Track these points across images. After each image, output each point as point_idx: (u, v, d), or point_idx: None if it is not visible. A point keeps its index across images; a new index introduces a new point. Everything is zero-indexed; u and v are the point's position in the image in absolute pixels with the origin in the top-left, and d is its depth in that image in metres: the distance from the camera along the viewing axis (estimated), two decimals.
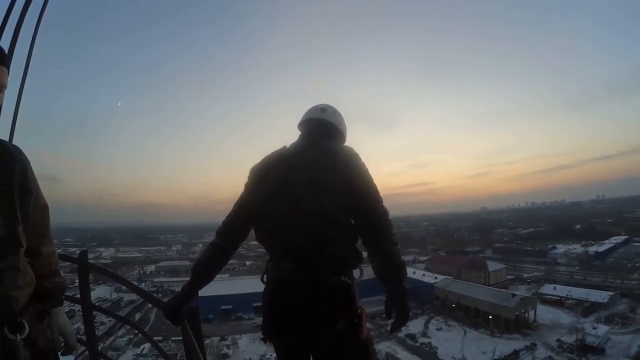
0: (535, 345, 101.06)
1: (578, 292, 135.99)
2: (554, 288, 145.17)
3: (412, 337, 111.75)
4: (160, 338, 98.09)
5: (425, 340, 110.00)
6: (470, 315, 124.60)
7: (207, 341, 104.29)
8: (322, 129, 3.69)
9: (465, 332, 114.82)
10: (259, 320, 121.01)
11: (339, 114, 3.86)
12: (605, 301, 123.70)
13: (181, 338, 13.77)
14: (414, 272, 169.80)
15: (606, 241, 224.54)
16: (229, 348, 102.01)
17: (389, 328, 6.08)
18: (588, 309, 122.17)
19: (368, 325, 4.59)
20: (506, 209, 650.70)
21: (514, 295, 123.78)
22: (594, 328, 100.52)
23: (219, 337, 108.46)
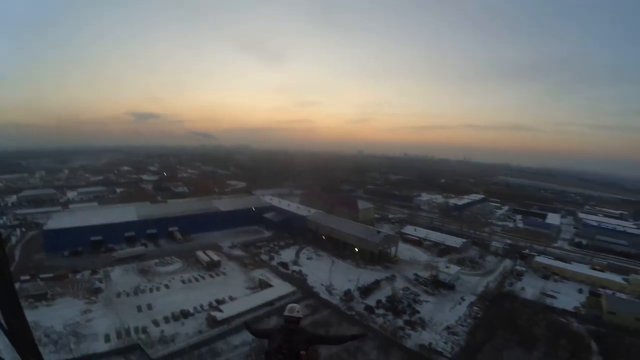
0: (394, 277, 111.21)
1: (435, 236, 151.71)
2: (415, 230, 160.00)
3: (284, 265, 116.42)
4: (28, 277, 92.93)
5: (297, 268, 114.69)
6: (339, 247, 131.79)
7: (78, 276, 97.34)
8: (296, 320, 8.90)
9: (333, 262, 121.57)
10: (130, 251, 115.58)
11: (300, 310, 9.24)
12: (458, 246, 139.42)
13: (53, 275, 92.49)
14: (289, 205, 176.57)
15: (465, 197, 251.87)
16: (101, 282, 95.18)
17: None
18: (443, 250, 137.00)
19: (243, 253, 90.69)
20: (381, 155, 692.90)
21: (379, 232, 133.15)
22: (447, 267, 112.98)
23: (90, 271, 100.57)
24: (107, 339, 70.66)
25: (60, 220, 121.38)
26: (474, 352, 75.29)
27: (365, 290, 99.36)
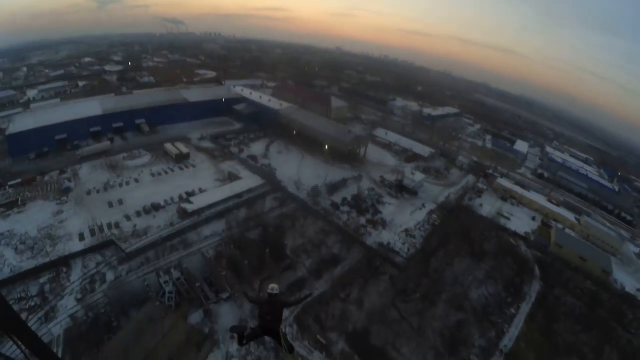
0: (361, 176, 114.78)
1: (405, 142, 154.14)
2: (386, 133, 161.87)
3: (253, 158, 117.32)
4: None
5: (266, 161, 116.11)
6: (309, 143, 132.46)
7: (46, 177, 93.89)
8: (275, 295, 13.20)
9: (302, 157, 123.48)
10: (96, 146, 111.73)
11: (278, 288, 13.46)
12: (426, 155, 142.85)
13: (21, 180, 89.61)
14: (260, 97, 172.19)
15: (440, 108, 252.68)
16: (70, 181, 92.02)
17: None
18: (411, 157, 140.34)
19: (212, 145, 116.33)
20: (360, 54, 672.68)
21: (350, 132, 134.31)
22: (412, 174, 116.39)
23: (57, 171, 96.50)
24: (82, 237, 71.60)
25: (22, 122, 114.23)
26: (428, 256, 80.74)
27: (332, 187, 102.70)
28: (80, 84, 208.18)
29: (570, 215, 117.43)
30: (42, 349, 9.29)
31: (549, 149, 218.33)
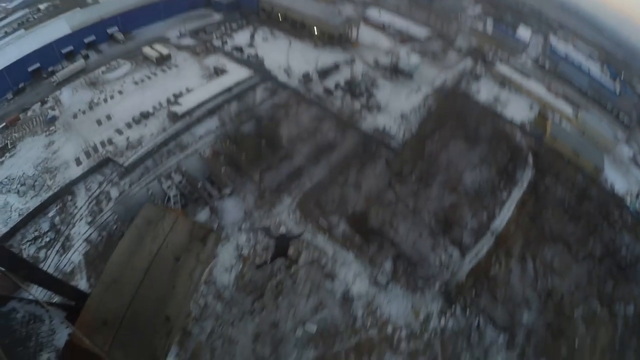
0: (354, 60, 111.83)
1: (400, 23, 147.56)
2: (379, 14, 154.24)
3: (238, 49, 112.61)
4: None
5: (252, 51, 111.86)
6: (296, 28, 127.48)
7: (29, 113, 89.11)
8: (284, 234, 52.41)
9: (290, 43, 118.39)
10: (70, 68, 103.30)
11: (284, 230, 54.25)
12: (422, 37, 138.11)
13: (5, 123, 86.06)
14: None
15: None
16: (53, 109, 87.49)
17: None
18: (406, 39, 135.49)
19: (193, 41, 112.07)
20: None
21: (340, 13, 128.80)
22: (408, 56, 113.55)
23: (39, 103, 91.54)
24: (78, 162, 71.40)
25: None
26: (423, 140, 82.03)
27: (324, 73, 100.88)
28: (42, 7, 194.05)
29: (567, 109, 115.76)
30: (57, 284, 9.27)
31: (552, 39, 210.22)
